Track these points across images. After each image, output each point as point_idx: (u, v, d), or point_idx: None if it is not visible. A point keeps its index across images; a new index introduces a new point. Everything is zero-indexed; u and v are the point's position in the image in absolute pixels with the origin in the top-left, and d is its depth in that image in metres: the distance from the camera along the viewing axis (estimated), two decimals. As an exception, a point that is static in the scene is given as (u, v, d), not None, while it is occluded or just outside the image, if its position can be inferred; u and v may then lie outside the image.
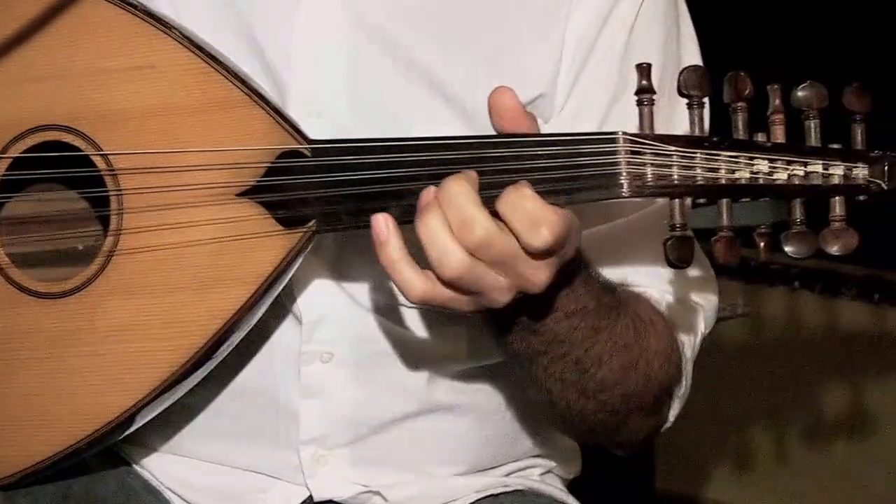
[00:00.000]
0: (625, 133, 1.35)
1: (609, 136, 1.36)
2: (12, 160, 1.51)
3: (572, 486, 1.80)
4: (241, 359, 1.59)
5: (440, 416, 1.66)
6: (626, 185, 1.35)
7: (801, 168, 1.35)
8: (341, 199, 1.41)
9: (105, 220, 1.49)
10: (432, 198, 1.34)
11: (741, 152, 1.35)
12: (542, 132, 1.41)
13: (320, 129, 1.46)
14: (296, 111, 1.49)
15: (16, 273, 1.52)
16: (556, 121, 1.58)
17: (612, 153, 1.35)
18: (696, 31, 1.66)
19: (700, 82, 1.36)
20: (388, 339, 1.61)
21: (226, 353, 1.49)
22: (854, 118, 1.37)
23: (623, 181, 1.35)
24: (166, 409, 1.51)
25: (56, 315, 1.50)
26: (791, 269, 3.16)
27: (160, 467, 1.68)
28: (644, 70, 1.37)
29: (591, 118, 1.57)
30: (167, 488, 1.68)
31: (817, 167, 1.35)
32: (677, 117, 1.47)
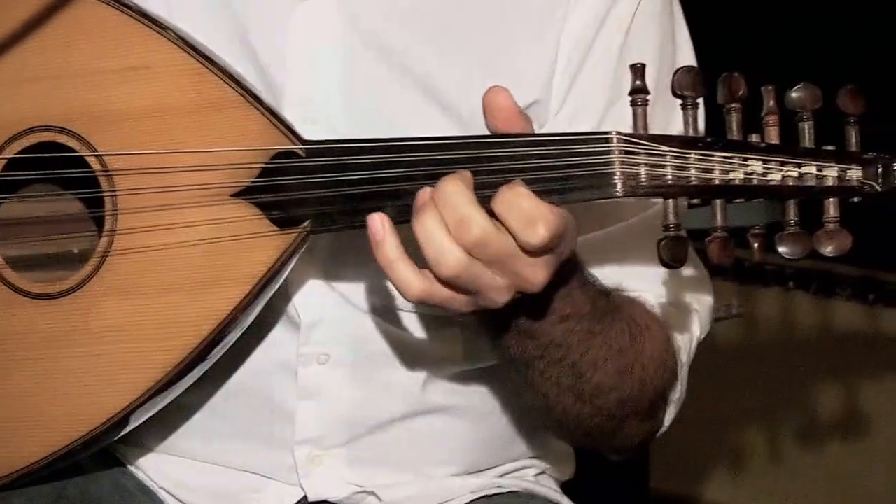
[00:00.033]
0: (618, 133, 1.36)
1: (603, 136, 1.36)
2: (7, 161, 1.51)
3: (567, 487, 1.80)
4: (235, 359, 1.59)
5: (436, 418, 1.66)
6: (619, 185, 1.35)
7: (796, 169, 1.35)
8: (336, 199, 1.41)
9: (100, 221, 1.49)
10: (428, 198, 1.34)
11: (735, 153, 1.35)
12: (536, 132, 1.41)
13: (316, 135, 1.46)
14: (291, 113, 1.49)
15: (11, 274, 1.52)
16: (553, 124, 1.58)
17: (606, 153, 1.36)
18: (690, 32, 1.66)
19: (693, 83, 1.36)
20: (385, 340, 1.61)
21: (220, 353, 1.49)
22: (848, 120, 1.37)
23: (617, 181, 1.35)
24: (161, 409, 1.51)
25: (51, 316, 1.50)
26: (785, 269, 3.16)
27: (155, 467, 1.68)
28: (638, 70, 1.37)
29: (587, 120, 1.57)
30: (161, 488, 1.68)
31: (811, 168, 1.35)
32: (674, 119, 1.47)
